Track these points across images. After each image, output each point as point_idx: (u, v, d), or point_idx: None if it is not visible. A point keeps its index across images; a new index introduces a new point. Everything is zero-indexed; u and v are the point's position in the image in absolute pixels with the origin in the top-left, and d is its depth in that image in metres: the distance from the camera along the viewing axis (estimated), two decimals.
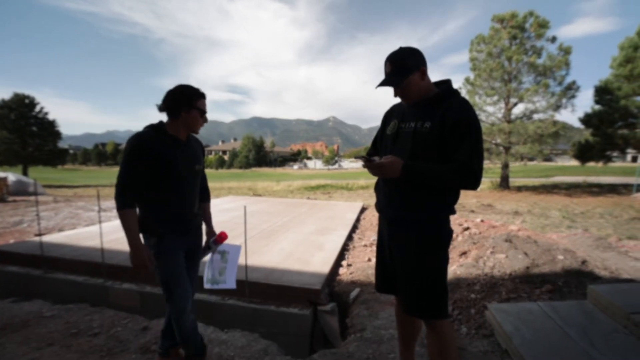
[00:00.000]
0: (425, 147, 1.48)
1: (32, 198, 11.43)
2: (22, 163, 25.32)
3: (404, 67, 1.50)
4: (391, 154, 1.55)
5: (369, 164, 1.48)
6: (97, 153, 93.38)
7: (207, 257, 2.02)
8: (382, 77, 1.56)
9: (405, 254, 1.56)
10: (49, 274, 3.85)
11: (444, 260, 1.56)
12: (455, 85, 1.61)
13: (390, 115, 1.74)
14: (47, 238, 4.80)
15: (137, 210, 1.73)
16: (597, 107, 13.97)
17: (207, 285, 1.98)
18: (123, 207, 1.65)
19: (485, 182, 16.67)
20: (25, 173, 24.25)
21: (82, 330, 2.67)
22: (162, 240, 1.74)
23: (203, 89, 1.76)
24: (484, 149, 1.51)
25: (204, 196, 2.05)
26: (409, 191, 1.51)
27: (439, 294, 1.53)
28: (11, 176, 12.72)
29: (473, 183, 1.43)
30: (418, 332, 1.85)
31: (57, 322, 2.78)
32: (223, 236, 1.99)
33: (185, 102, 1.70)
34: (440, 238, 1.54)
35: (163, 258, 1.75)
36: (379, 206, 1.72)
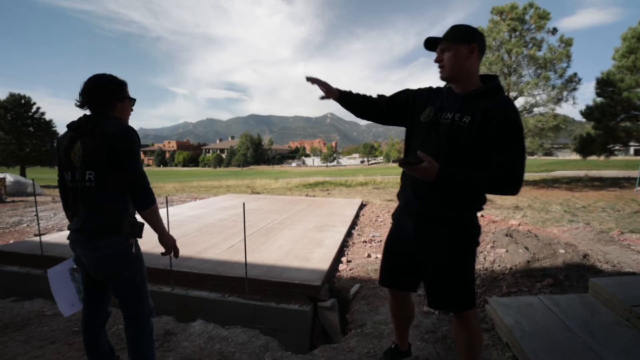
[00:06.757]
0: (462, 143, 1.42)
1: (31, 198, 11.42)
2: (20, 164, 25.33)
3: (455, 34, 1.45)
4: (423, 145, 1.50)
5: (406, 166, 1.43)
6: None
7: (64, 279, 1.87)
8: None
9: (435, 250, 1.53)
10: None
11: (473, 255, 1.55)
12: None
13: (426, 99, 1.61)
14: (46, 238, 4.79)
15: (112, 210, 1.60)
16: (599, 99, 13.69)
17: (72, 310, 1.85)
18: (155, 200, 1.63)
19: None
20: (23, 174, 24.21)
21: None
22: (137, 242, 1.69)
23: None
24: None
25: None
26: (439, 187, 1.44)
27: (470, 287, 1.54)
28: (9, 177, 12.71)
29: (515, 190, 1.37)
30: (412, 319, 2.01)
31: (58, 320, 2.77)
32: None
33: (117, 91, 1.65)
34: (471, 235, 1.53)
35: (141, 261, 1.72)
36: (404, 197, 1.65)
